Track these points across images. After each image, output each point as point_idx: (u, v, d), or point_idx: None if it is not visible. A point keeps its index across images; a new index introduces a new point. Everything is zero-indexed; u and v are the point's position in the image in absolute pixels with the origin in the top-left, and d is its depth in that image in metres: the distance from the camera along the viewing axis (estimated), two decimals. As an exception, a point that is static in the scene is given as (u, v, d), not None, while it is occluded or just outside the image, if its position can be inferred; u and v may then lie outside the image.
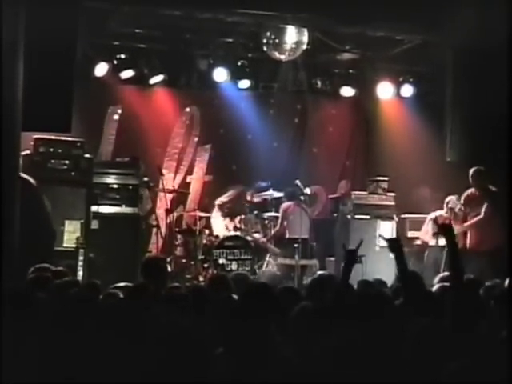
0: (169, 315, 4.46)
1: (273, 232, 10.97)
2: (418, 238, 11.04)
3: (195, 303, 5.06)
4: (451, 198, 10.12)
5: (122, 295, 5.42)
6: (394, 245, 5.00)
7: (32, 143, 9.53)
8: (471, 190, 9.60)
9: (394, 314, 4.59)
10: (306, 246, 10.55)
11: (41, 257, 7.53)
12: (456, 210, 9.92)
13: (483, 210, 9.45)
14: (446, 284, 5.89)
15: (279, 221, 10.78)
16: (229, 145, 12.08)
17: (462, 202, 9.69)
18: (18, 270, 6.81)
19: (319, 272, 7.18)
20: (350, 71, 12.02)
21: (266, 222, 11.19)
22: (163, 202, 10.96)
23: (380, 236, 5.58)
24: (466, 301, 4.80)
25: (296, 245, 10.53)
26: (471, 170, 9.45)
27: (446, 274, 6.49)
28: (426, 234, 10.80)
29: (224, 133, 12.10)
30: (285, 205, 10.77)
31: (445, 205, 10.25)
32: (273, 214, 11.16)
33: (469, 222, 9.58)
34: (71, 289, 5.23)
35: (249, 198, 11.41)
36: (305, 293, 5.80)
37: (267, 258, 10.91)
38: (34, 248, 7.80)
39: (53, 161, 9.59)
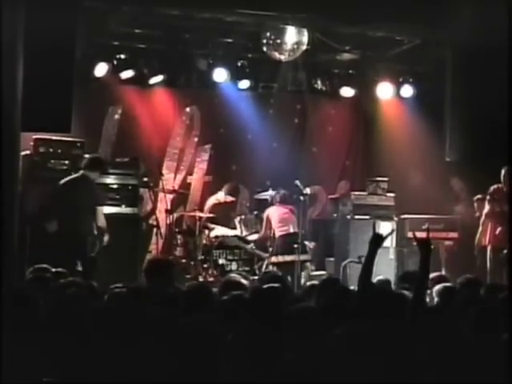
0: (170, 316, 4.45)
1: (257, 237, 10.90)
2: None
3: (198, 302, 5.05)
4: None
5: (122, 296, 5.41)
6: (425, 246, 4.96)
7: (32, 143, 9.55)
8: (498, 186, 9.55)
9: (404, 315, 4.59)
10: (295, 241, 10.45)
11: None
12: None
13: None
14: (447, 284, 5.91)
15: (263, 226, 10.73)
16: (229, 145, 12.08)
17: (488, 196, 9.63)
18: None
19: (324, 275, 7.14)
20: (350, 71, 12.01)
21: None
22: (163, 202, 10.95)
23: (412, 233, 5.67)
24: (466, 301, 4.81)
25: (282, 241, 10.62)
26: (503, 170, 9.42)
27: (436, 274, 6.50)
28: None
29: (224, 133, 12.09)
30: (268, 210, 10.76)
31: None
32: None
33: None
34: (69, 289, 5.23)
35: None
36: (308, 295, 5.80)
37: (267, 259, 10.90)
38: None
39: (52, 161, 9.61)
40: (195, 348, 3.77)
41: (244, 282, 6.04)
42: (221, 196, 11.34)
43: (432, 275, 6.40)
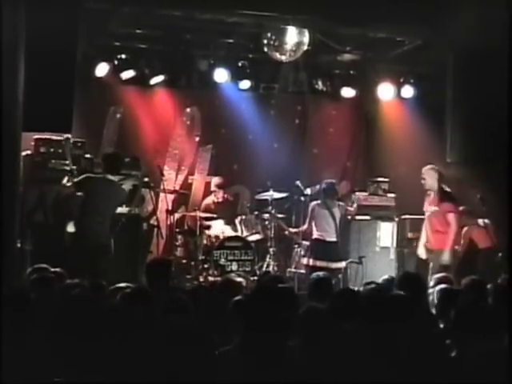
0: (172, 316, 4.45)
1: (300, 229, 10.70)
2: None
3: (199, 304, 5.05)
4: None
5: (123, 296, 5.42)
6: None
7: (33, 143, 9.56)
8: (429, 195, 9.62)
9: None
10: (335, 249, 10.30)
11: None
12: None
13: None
14: (445, 285, 5.90)
15: (307, 220, 10.51)
16: (230, 145, 12.08)
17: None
18: None
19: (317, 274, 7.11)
20: (351, 72, 12.01)
21: (267, 222, 11.15)
22: (164, 202, 10.95)
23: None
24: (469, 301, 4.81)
25: (302, 245, 10.52)
26: (424, 169, 9.47)
27: (441, 275, 6.50)
28: None
29: (225, 133, 12.10)
30: (312, 204, 10.53)
31: None
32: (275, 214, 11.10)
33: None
34: (74, 290, 5.23)
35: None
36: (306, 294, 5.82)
37: (267, 259, 10.90)
38: None
39: (53, 161, 9.61)
40: (198, 348, 3.77)
41: (240, 280, 6.04)
42: (211, 198, 11.36)
43: (435, 276, 6.43)
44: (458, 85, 9.55)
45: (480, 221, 10.56)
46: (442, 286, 5.86)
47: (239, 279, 6.05)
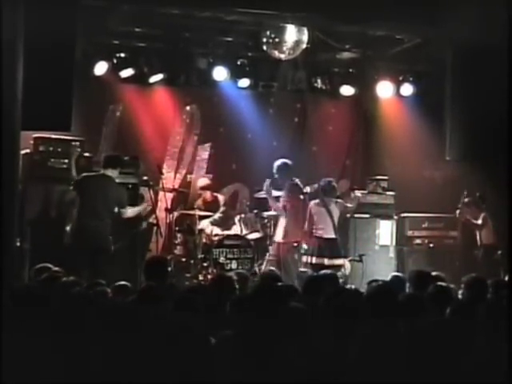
0: (171, 315, 4.45)
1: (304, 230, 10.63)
2: None
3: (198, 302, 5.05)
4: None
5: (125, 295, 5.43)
6: None
7: (32, 142, 9.56)
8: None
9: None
10: (334, 246, 10.18)
11: None
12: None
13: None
14: (443, 284, 5.90)
15: (306, 219, 10.44)
16: (229, 143, 12.08)
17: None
18: None
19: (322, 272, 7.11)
20: (350, 70, 12.01)
21: (266, 221, 11.14)
22: (163, 201, 10.95)
23: None
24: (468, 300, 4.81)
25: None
26: (276, 164, 9.93)
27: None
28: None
29: (224, 132, 12.09)
30: (310, 204, 10.48)
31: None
32: (273, 213, 11.08)
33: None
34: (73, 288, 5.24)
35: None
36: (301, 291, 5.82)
37: (267, 257, 10.89)
38: None
39: (52, 159, 9.63)
40: (196, 347, 3.78)
41: (234, 277, 6.05)
42: (200, 199, 11.36)
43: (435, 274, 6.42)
44: (457, 82, 9.55)
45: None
46: (438, 283, 5.87)
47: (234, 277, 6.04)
